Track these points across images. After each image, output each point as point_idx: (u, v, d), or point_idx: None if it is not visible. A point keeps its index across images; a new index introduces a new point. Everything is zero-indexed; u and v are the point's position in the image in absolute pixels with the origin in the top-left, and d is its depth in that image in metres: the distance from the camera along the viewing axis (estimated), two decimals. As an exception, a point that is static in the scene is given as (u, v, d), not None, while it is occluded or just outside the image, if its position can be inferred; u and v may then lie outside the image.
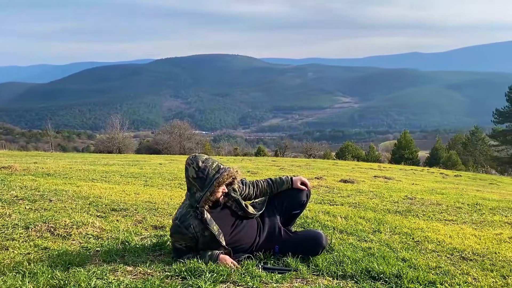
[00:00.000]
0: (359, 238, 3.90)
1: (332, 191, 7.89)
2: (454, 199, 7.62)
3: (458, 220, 5.44)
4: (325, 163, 22.72)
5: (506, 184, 17.16)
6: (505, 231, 4.64)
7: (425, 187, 10.27)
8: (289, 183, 3.39)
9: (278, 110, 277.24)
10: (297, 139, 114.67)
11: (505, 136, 44.90)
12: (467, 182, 15.29)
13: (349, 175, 12.51)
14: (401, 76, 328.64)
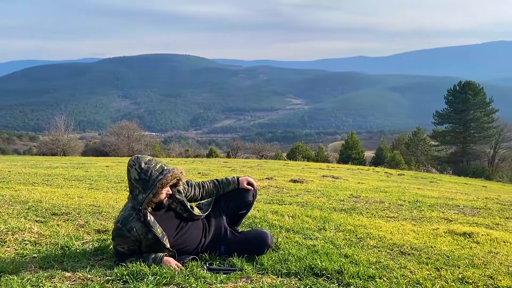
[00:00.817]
0: (305, 236, 3.98)
1: (281, 191, 7.99)
2: (397, 197, 7.97)
3: (399, 216, 5.69)
4: (276, 164, 22.98)
5: (445, 182, 18.19)
6: (441, 226, 4.90)
7: (370, 185, 10.65)
8: (236, 183, 3.40)
9: (230, 111, 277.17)
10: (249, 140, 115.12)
11: (444, 136, 47.59)
12: (409, 181, 15.99)
13: (299, 175, 12.72)
14: (348, 79, 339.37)
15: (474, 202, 7.77)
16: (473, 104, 45.05)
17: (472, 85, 45.89)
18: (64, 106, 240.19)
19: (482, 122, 44.80)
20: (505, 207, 7.28)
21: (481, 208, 6.95)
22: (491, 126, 44.97)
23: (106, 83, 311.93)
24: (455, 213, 6.28)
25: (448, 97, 47.30)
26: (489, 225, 5.36)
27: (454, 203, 7.49)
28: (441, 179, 20.61)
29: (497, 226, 5.33)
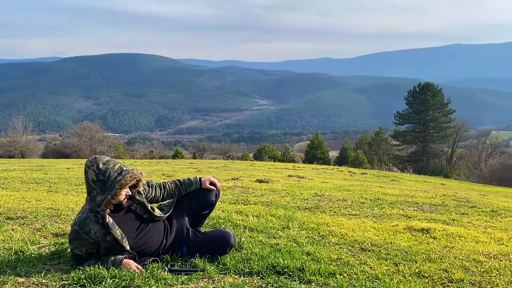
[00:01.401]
0: (269, 235, 4.00)
1: (247, 191, 8.00)
2: (359, 195, 8.15)
3: (361, 214, 5.82)
4: (242, 164, 22.99)
5: (406, 180, 18.77)
6: (400, 223, 5.05)
7: (334, 184, 10.84)
8: (198, 183, 3.37)
9: (196, 111, 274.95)
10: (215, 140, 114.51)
11: (405, 136, 49.10)
12: (372, 179, 16.38)
13: (265, 175, 12.78)
14: (314, 80, 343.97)
15: (432, 199, 8.05)
16: (432, 105, 46.70)
17: (431, 86, 47.59)
18: (22, 106, 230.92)
19: (441, 122, 46.52)
20: (461, 204, 7.58)
21: (439, 205, 7.21)
22: (449, 126, 46.77)
23: (67, 83, 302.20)
24: (414, 210, 6.49)
25: (408, 98, 48.83)
26: (446, 221, 5.57)
27: (414, 200, 7.74)
28: (402, 177, 21.24)
29: (453, 222, 5.55)
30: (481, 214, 6.45)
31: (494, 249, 3.86)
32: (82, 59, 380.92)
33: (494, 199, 10.03)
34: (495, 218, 6.12)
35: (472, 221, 5.66)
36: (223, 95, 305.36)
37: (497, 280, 2.90)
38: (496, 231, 4.94)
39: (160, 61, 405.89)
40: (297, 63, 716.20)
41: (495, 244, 4.16)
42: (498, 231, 5.00)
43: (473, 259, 3.43)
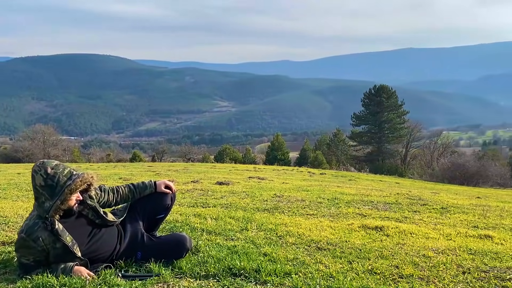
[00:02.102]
0: (227, 237, 3.99)
1: (206, 194, 7.95)
2: (317, 195, 8.28)
3: (318, 214, 5.93)
4: (203, 167, 22.81)
5: (363, 179, 19.28)
6: (356, 221, 5.18)
7: (294, 185, 10.97)
8: (153, 187, 3.31)
9: (155, 113, 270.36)
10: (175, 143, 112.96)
11: (361, 137, 50.47)
12: (330, 179, 16.70)
13: (225, 177, 12.74)
14: (274, 82, 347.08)
15: (386, 198, 8.31)
16: (386, 106, 48.27)
17: (386, 88, 49.20)
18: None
19: (395, 123, 48.18)
20: (413, 202, 7.88)
21: (393, 203, 7.46)
22: (403, 127, 48.50)
23: (18, 84, 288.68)
24: (369, 209, 6.68)
25: (364, 100, 50.24)
26: (399, 219, 5.77)
27: (369, 199, 7.97)
28: (359, 177, 21.80)
29: (406, 219, 5.76)
30: (432, 211, 6.72)
31: (443, 244, 4.04)
32: (35, 60, 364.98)
33: (445, 196, 10.50)
34: (445, 215, 6.40)
35: (423, 218, 5.89)
36: (183, 97, 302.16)
37: (444, 274, 3.04)
38: (445, 227, 5.17)
39: (117, 62, 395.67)
40: (258, 65, 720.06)
41: (444, 240, 4.35)
42: (447, 227, 5.24)
43: (422, 254, 3.58)
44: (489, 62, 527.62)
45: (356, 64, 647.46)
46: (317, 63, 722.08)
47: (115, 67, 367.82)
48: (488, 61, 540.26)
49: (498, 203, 9.17)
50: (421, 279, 2.96)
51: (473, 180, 28.39)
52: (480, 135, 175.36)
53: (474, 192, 16.70)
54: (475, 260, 3.44)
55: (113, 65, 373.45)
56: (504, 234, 4.92)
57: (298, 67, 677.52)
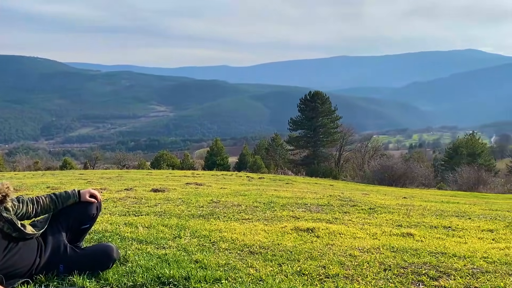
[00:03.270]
0: (158, 245, 3.91)
1: (140, 202, 7.72)
2: (254, 199, 8.37)
3: (254, 218, 5.99)
4: (138, 174, 22.16)
5: (299, 182, 19.79)
6: (289, 224, 5.30)
7: (232, 190, 10.99)
8: (76, 196, 3.17)
9: (87, 118, 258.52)
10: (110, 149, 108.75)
11: (298, 141, 51.78)
12: (268, 183, 16.94)
13: (161, 184, 12.48)
14: (213, 87, 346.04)
15: (320, 200, 8.59)
16: (321, 111, 49.97)
17: (320, 94, 50.95)
18: None
19: (329, 128, 50.02)
20: (344, 203, 8.22)
21: (325, 205, 7.73)
22: (336, 131, 50.45)
23: None
24: (302, 211, 6.87)
25: (300, 106, 51.66)
26: (330, 220, 5.99)
27: (303, 201, 8.19)
28: (296, 180, 22.34)
29: (336, 220, 5.99)
30: (361, 212, 7.06)
31: (368, 243, 4.25)
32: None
33: (374, 197, 11.06)
34: (372, 215, 6.75)
35: (352, 219, 6.16)
36: (118, 101, 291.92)
37: (367, 272, 3.21)
38: (371, 227, 5.44)
39: (46, 64, 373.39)
40: (196, 69, 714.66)
41: (370, 239, 4.58)
42: (373, 226, 5.52)
43: (349, 254, 3.74)
44: (415, 70, 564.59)
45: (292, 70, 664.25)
46: (255, 69, 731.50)
47: (43, 69, 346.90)
48: (414, 69, 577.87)
49: (422, 203, 9.83)
50: (346, 277, 3.09)
51: (400, 181, 30.16)
52: (407, 139, 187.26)
53: (402, 192, 17.75)
54: (396, 257, 3.66)
55: (42, 68, 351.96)
56: (424, 231, 5.28)
57: (236, 72, 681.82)
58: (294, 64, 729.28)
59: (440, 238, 4.77)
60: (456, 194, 20.95)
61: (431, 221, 6.20)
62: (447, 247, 4.16)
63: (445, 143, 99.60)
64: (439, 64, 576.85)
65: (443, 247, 4.18)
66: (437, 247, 4.17)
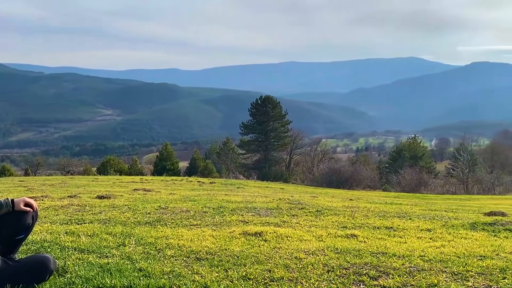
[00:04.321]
0: (101, 254, 3.78)
1: (83, 209, 7.43)
2: (203, 204, 8.30)
3: (202, 223, 5.94)
4: (83, 180, 21.35)
5: (251, 186, 19.90)
6: (237, 229, 5.31)
7: (181, 196, 10.85)
8: (9, 206, 2.99)
9: (29, 122, 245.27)
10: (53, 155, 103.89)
11: (249, 145, 52.11)
12: (219, 188, 16.89)
13: (107, 191, 12.10)
14: (162, 90, 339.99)
15: (269, 204, 8.68)
16: (272, 116, 50.64)
17: (271, 99, 51.65)
18: None
19: (280, 132, 50.79)
20: (293, 206, 8.36)
21: (274, 209, 7.82)
22: (286, 135, 51.31)
23: None
24: (252, 215, 6.90)
25: (251, 110, 52.07)
26: (278, 223, 6.06)
27: (253, 206, 8.23)
28: (247, 184, 22.44)
29: (284, 224, 6.07)
30: (308, 215, 7.20)
31: (314, 245, 4.34)
32: None
33: (322, 200, 11.34)
34: (319, 217, 6.90)
35: (299, 222, 6.28)
36: (62, 104, 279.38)
37: (311, 274, 3.27)
38: (318, 229, 5.57)
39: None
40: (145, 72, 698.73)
41: (316, 241, 4.69)
42: (320, 228, 5.65)
43: (295, 257, 3.80)
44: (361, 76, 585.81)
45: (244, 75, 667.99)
46: (206, 72, 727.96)
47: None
48: (360, 75, 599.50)
49: (367, 204, 10.19)
50: (290, 280, 3.14)
51: (348, 183, 31.19)
52: (354, 142, 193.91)
53: (348, 194, 18.34)
54: (340, 258, 3.77)
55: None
56: (368, 232, 5.48)
57: (187, 76, 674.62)
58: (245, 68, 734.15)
59: (382, 239, 4.97)
60: (399, 195, 21.94)
61: (375, 222, 6.44)
62: (388, 247, 4.34)
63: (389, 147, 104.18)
64: (383, 71, 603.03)
65: (384, 247, 4.36)
66: (379, 247, 4.34)
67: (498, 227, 5.96)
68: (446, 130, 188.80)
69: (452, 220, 6.94)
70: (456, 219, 7.12)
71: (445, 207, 11.22)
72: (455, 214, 8.17)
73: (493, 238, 5.21)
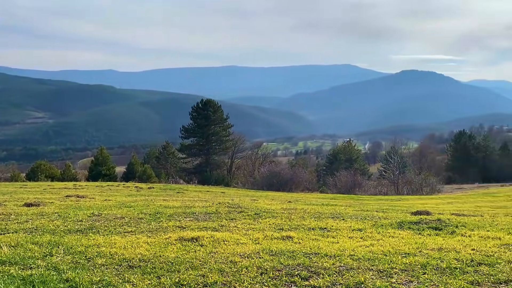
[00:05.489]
0: (24, 266, 3.57)
1: (8, 218, 6.97)
2: (139, 210, 8.09)
3: (137, 230, 5.78)
4: (11, 186, 20.01)
5: (191, 191, 19.68)
6: (174, 235, 5.23)
7: (117, 202, 10.50)
8: None
9: None
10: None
11: (190, 149, 51.44)
12: (158, 193, 16.56)
13: (37, 198, 11.43)
14: (98, 92, 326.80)
15: (208, 208, 8.64)
16: (213, 120, 50.40)
17: (212, 103, 51.43)
18: None
19: (221, 135, 50.65)
20: (232, 209, 8.39)
21: (213, 213, 7.80)
22: (228, 139, 51.28)
23: None
24: (190, 220, 6.83)
25: (192, 114, 51.49)
26: (216, 228, 6.05)
27: (192, 210, 8.16)
28: (187, 189, 22.18)
29: (222, 228, 6.08)
30: (247, 218, 7.26)
31: (250, 248, 4.39)
32: None
33: (262, 203, 11.47)
34: (257, 220, 6.99)
35: (238, 225, 6.31)
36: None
37: (244, 277, 3.31)
38: (255, 232, 5.63)
39: None
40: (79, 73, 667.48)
41: (252, 244, 4.74)
42: (257, 231, 5.72)
43: (230, 261, 3.82)
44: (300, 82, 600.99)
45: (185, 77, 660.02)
46: (145, 74, 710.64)
47: None
48: (299, 81, 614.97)
49: (304, 206, 10.47)
50: (224, 284, 3.15)
51: (287, 186, 31.78)
52: (293, 146, 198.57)
53: (288, 197, 18.73)
54: (274, 260, 3.84)
55: None
56: (303, 233, 5.63)
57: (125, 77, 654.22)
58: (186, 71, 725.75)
59: (315, 239, 5.13)
60: (335, 196, 22.74)
61: (310, 223, 6.63)
62: (320, 248, 4.49)
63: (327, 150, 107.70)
64: (321, 77, 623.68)
65: (317, 247, 4.50)
66: (312, 248, 4.48)
67: (423, 226, 6.38)
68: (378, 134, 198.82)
69: (382, 219, 7.32)
70: (385, 218, 7.52)
71: (376, 208, 11.81)
72: (385, 214, 8.63)
73: (417, 236, 5.56)
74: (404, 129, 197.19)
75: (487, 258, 3.97)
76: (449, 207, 14.99)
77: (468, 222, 6.81)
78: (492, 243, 4.92)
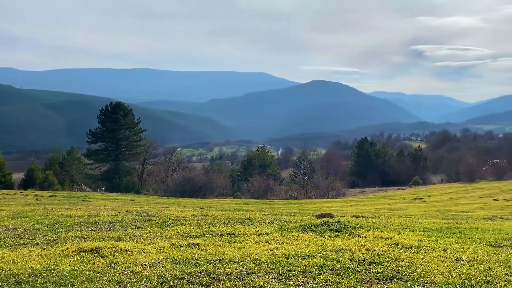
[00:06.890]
0: None
1: None
2: (36, 220, 7.50)
3: (31, 242, 5.35)
4: None
5: (97, 199, 18.67)
6: (72, 246, 4.92)
7: (12, 212, 9.63)
8: None
9: None
10: None
11: (98, 154, 48.79)
12: (60, 201, 15.53)
13: None
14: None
15: (114, 217, 8.26)
16: (123, 124, 48.40)
17: (123, 106, 49.37)
18: None
19: (132, 140, 48.80)
20: (139, 218, 8.12)
21: (118, 222, 7.48)
22: (139, 144, 49.56)
23: None
24: (92, 230, 6.48)
25: (101, 117, 48.95)
26: (119, 237, 5.80)
27: (95, 220, 7.75)
28: (93, 196, 21.04)
29: (126, 237, 5.85)
30: (154, 226, 7.08)
31: (154, 258, 4.29)
32: None
33: (172, 210, 11.25)
34: (165, 228, 6.84)
35: (143, 234, 6.12)
36: None
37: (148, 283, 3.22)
38: (161, 241, 5.51)
39: None
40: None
41: (156, 253, 4.63)
42: (163, 240, 5.60)
43: (131, 271, 3.70)
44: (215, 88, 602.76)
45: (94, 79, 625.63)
46: (49, 74, 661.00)
47: None
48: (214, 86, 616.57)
49: (216, 212, 10.48)
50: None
51: (201, 192, 31.60)
52: (209, 151, 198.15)
53: (201, 203, 18.61)
54: (176, 269, 3.79)
55: None
56: (210, 240, 5.63)
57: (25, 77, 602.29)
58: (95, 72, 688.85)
59: (222, 245, 5.16)
60: (249, 201, 23.12)
61: (219, 229, 6.66)
62: (226, 253, 4.53)
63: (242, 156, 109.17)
64: (235, 83, 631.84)
65: (223, 253, 4.53)
66: (218, 254, 4.50)
67: (324, 228, 6.73)
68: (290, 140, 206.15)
69: (288, 223, 7.59)
70: (292, 222, 7.81)
71: (285, 211, 12.23)
72: (292, 218, 8.97)
73: (319, 238, 5.85)
74: (314, 136, 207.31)
75: (377, 257, 4.31)
76: (351, 210, 16.05)
77: (365, 224, 7.33)
78: (383, 242, 5.36)
